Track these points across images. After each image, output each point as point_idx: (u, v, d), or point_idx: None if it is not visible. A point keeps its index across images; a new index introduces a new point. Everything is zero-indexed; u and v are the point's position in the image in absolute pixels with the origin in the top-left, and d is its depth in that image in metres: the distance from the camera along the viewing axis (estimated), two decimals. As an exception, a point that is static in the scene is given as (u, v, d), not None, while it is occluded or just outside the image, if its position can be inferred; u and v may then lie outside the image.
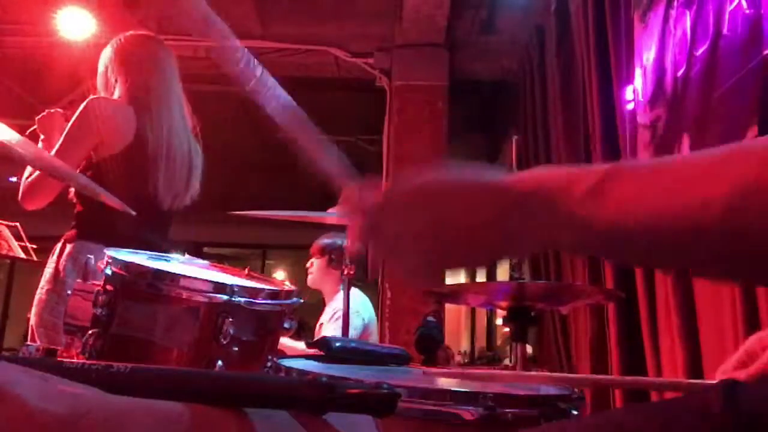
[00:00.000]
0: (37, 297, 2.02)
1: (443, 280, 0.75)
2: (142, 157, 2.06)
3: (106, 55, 2.21)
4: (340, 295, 3.28)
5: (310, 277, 3.39)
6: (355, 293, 3.16)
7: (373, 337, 3.42)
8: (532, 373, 1.63)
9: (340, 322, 3.19)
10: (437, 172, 0.69)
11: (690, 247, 0.54)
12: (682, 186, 0.54)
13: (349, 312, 2.21)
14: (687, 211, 0.52)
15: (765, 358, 0.79)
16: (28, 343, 1.69)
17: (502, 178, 0.64)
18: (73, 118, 2.00)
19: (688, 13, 2.10)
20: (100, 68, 2.22)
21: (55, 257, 2.05)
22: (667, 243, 0.55)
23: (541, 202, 0.60)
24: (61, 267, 2.00)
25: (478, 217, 0.64)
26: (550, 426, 0.82)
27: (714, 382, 0.84)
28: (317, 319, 3.39)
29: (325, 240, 3.39)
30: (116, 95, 2.14)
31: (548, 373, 2.30)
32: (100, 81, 2.21)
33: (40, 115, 2.14)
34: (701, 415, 0.51)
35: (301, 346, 2.79)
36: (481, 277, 6.32)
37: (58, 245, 2.07)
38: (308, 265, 3.41)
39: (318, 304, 3.51)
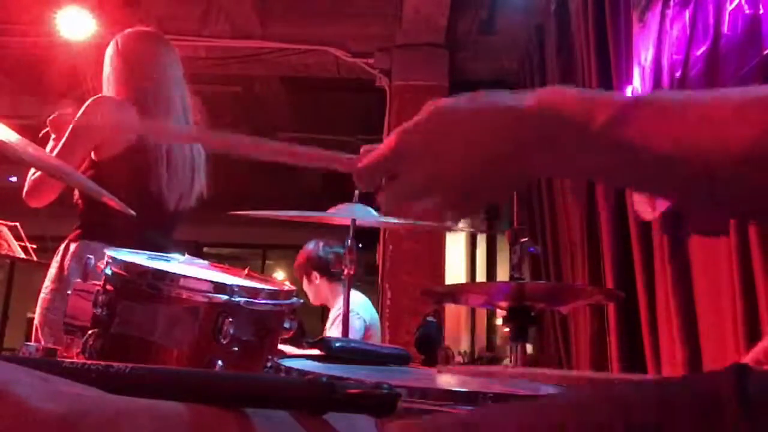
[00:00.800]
0: (41, 297, 2.02)
1: (469, 214, 0.71)
2: (144, 156, 2.06)
3: (109, 52, 2.21)
4: (341, 299, 3.30)
5: (311, 296, 3.39)
6: (355, 295, 3.16)
7: (375, 339, 3.42)
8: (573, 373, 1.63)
9: (340, 326, 3.21)
10: (446, 104, 0.67)
11: (714, 179, 0.53)
12: (711, 117, 0.53)
13: (348, 312, 2.21)
14: (714, 142, 0.52)
15: None
16: (28, 343, 1.69)
17: (521, 101, 0.63)
18: (76, 117, 2.00)
19: (686, 12, 2.09)
20: (104, 66, 2.22)
21: (59, 257, 2.05)
22: (691, 174, 0.54)
23: (561, 128, 0.59)
24: (65, 266, 2.00)
25: (504, 138, 0.62)
26: (548, 398, 0.80)
27: None
28: (316, 321, 3.40)
29: (315, 256, 3.38)
30: (118, 93, 2.14)
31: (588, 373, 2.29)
32: (104, 79, 2.21)
33: (51, 116, 2.14)
34: (710, 398, 0.50)
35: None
36: (481, 277, 6.32)
37: (63, 245, 2.07)
38: (304, 286, 3.41)
39: (318, 305, 3.51)
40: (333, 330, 3.25)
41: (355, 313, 3.10)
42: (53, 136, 2.12)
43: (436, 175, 0.65)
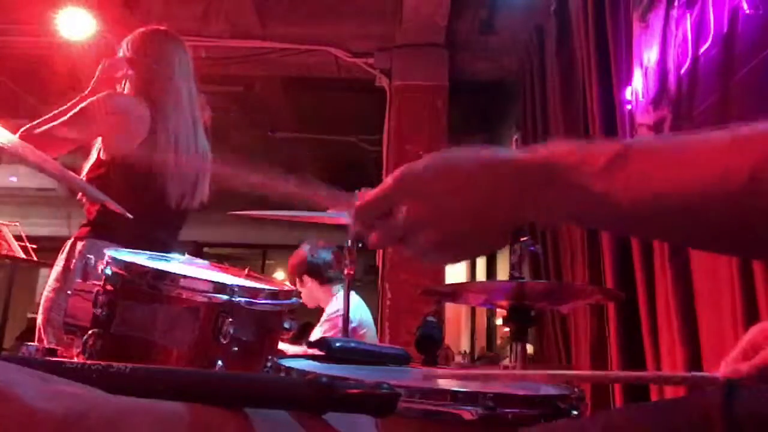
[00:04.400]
0: (44, 296, 2.01)
1: (465, 258, 0.72)
2: (154, 153, 2.06)
3: (120, 51, 2.22)
4: (334, 299, 3.30)
5: (304, 299, 3.38)
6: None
7: (368, 339, 3.42)
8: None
9: (326, 326, 3.21)
10: (449, 153, 0.68)
11: (709, 219, 0.54)
12: (704, 157, 0.54)
13: (349, 312, 2.21)
14: (709, 180, 0.52)
15: (766, 351, 0.79)
16: (28, 343, 1.69)
17: (519, 154, 0.64)
18: (85, 102, 2.00)
19: (692, 13, 2.09)
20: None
21: (64, 255, 2.04)
22: (686, 216, 0.54)
23: (558, 178, 0.60)
24: (72, 266, 2.00)
25: (498, 192, 0.64)
26: (545, 426, 0.81)
27: (713, 375, 0.84)
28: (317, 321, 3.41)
29: (306, 260, 3.39)
30: (126, 90, 2.14)
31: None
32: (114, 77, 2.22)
33: (108, 60, 2.14)
34: (701, 420, 0.51)
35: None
36: (481, 276, 6.31)
37: (68, 243, 2.07)
38: (298, 288, 3.41)
39: (314, 307, 3.52)
40: (318, 331, 3.26)
41: (341, 314, 3.11)
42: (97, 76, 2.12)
43: (431, 219, 0.66)
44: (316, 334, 3.20)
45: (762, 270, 1.68)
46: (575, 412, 0.97)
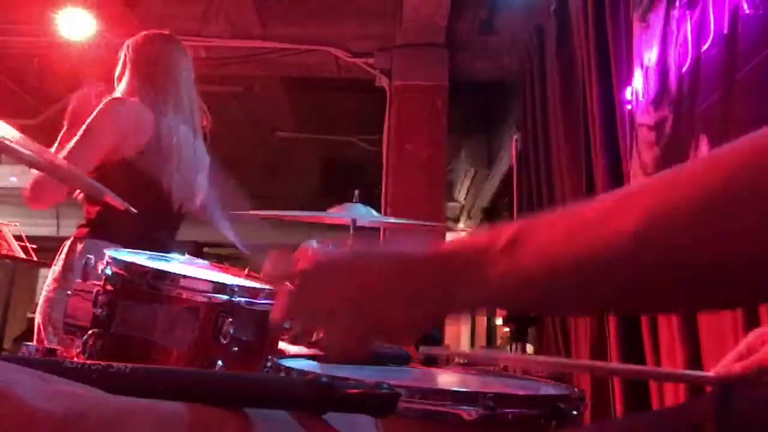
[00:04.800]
0: (43, 295, 2.01)
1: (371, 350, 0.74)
2: (156, 156, 2.07)
3: (122, 54, 2.22)
4: None
5: None
6: None
7: None
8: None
9: None
10: (361, 246, 0.70)
11: (606, 283, 0.54)
12: (593, 224, 0.54)
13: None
14: (600, 246, 0.53)
15: (760, 354, 0.80)
16: (28, 343, 1.69)
17: (421, 249, 0.65)
18: (91, 118, 1.99)
19: (693, 13, 2.09)
20: (117, 68, 2.23)
21: (64, 255, 2.04)
22: (584, 283, 0.55)
23: (459, 268, 0.61)
24: (72, 265, 2.00)
25: (399, 287, 0.64)
26: None
27: (706, 374, 0.85)
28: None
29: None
30: (129, 94, 2.14)
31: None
32: (116, 81, 2.22)
33: (77, 92, 2.13)
34: (694, 426, 0.52)
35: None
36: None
37: (68, 243, 2.07)
38: None
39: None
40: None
41: None
42: (66, 123, 2.11)
43: (332, 306, 0.68)
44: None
45: (762, 270, 1.68)
46: (575, 413, 0.97)
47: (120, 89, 2.18)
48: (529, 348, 3.46)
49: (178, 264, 1.53)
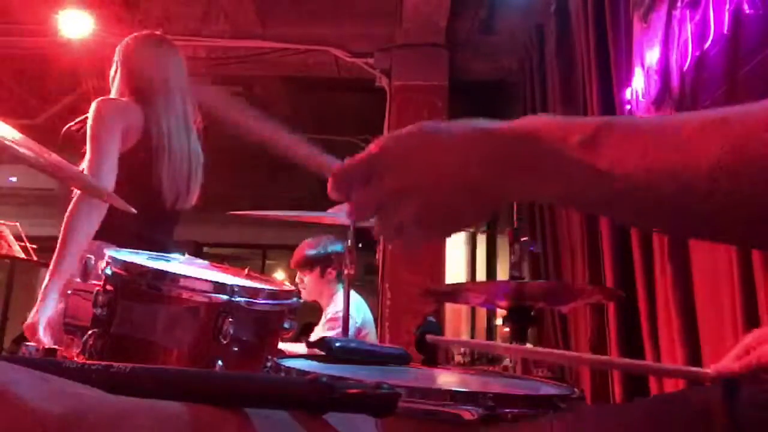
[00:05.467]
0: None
1: (445, 235, 0.70)
2: (147, 153, 2.08)
3: (116, 55, 2.24)
4: (336, 298, 3.29)
5: (303, 292, 3.36)
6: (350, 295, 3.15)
7: (370, 339, 3.42)
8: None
9: (328, 326, 3.20)
10: (435, 124, 0.67)
11: (680, 205, 0.53)
12: (675, 141, 0.53)
13: (348, 313, 2.21)
14: (679, 166, 0.52)
15: (758, 351, 0.80)
16: (28, 343, 1.68)
17: (503, 126, 0.63)
18: (89, 126, 2.01)
19: (695, 13, 2.09)
20: (111, 69, 2.25)
21: None
22: (659, 198, 0.54)
23: (535, 150, 0.60)
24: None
25: (475, 164, 0.62)
26: (544, 419, 0.81)
27: (704, 370, 0.85)
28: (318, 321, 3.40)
29: (309, 252, 3.38)
30: (122, 94, 2.16)
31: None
32: (111, 82, 2.24)
33: (66, 128, 2.15)
34: (701, 412, 0.51)
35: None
36: (481, 276, 6.31)
37: None
38: (298, 281, 3.40)
39: (311, 301, 3.51)
40: (319, 330, 3.26)
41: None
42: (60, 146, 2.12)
43: (407, 187, 0.65)
44: (317, 334, 3.19)
45: (762, 269, 1.68)
46: (575, 412, 0.97)
47: (113, 90, 2.21)
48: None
49: (178, 264, 1.53)
